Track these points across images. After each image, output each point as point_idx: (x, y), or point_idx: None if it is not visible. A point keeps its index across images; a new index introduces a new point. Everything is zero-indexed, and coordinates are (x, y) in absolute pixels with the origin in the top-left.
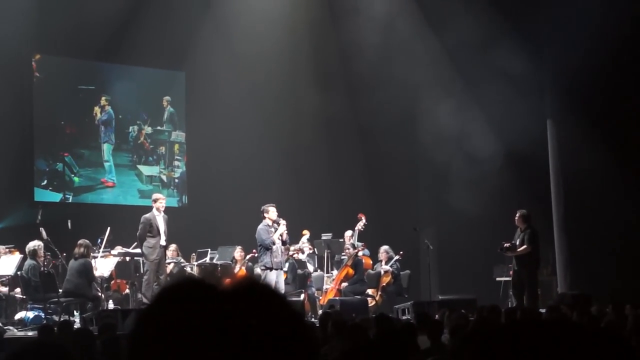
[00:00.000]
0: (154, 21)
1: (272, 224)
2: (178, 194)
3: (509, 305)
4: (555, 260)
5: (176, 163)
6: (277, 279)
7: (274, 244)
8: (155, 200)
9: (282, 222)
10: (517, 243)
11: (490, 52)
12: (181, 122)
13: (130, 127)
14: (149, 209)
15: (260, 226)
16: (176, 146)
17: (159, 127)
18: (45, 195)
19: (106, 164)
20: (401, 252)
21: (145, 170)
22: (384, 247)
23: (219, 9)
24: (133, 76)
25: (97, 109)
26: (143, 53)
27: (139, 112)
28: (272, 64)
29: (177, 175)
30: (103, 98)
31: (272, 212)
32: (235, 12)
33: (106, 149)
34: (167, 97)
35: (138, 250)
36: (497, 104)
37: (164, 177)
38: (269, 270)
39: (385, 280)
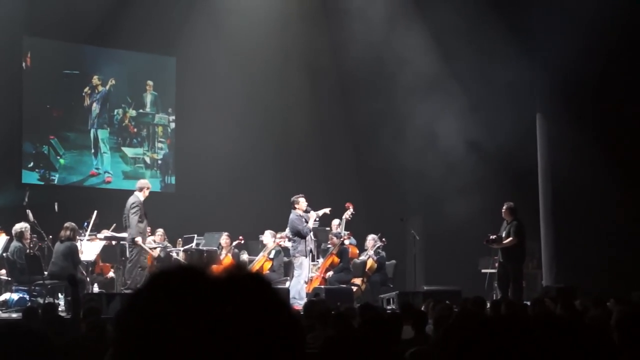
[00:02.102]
0: (147, 6)
1: (304, 214)
2: (161, 174)
3: (494, 297)
4: (540, 253)
5: (159, 145)
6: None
7: (311, 231)
8: (143, 189)
9: (313, 212)
10: (503, 235)
11: (480, 48)
12: (167, 106)
13: (116, 111)
14: (132, 191)
15: (293, 216)
16: (159, 128)
17: (141, 110)
18: (32, 177)
19: (105, 156)
20: (384, 239)
21: (129, 152)
22: (372, 236)
23: None
24: (124, 60)
25: (87, 90)
26: (134, 37)
27: (125, 96)
28: (263, 52)
29: (160, 157)
30: (96, 77)
31: (302, 203)
32: (229, 0)
33: (101, 135)
34: (150, 82)
35: (124, 235)
36: (487, 99)
37: (147, 159)
38: (304, 258)
39: (369, 266)
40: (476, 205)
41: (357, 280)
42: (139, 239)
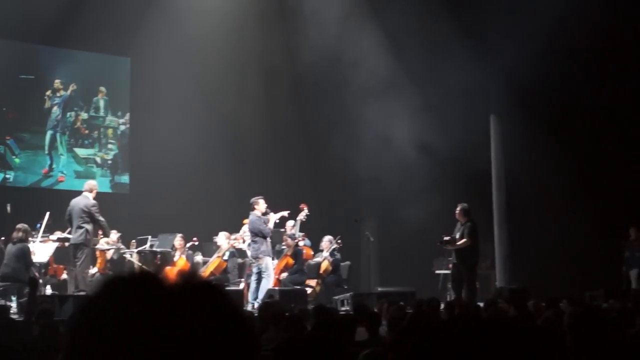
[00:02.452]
0: (101, 6)
1: (262, 216)
2: (110, 174)
3: (448, 298)
4: (494, 255)
5: (109, 146)
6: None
7: (271, 232)
8: (93, 190)
9: (272, 214)
10: (457, 236)
11: (434, 49)
12: (119, 108)
13: (69, 114)
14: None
15: (253, 218)
16: (110, 131)
17: (93, 114)
18: None
19: (61, 157)
20: (339, 241)
21: (81, 152)
22: (327, 237)
23: None
24: (78, 61)
25: (49, 93)
26: (89, 38)
27: (77, 99)
28: (219, 53)
29: (110, 157)
30: (58, 81)
31: (262, 204)
32: (183, 0)
33: (49, 137)
34: (102, 87)
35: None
36: (441, 101)
37: (98, 159)
38: (268, 258)
39: (324, 267)
40: (431, 206)
41: (312, 282)
42: (91, 240)
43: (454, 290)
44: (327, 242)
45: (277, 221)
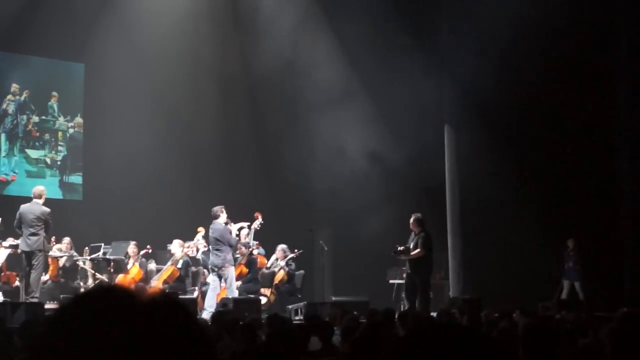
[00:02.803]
0: (55, 11)
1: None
2: (60, 174)
3: (402, 308)
4: (448, 265)
5: (59, 148)
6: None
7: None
8: (42, 196)
9: (232, 224)
10: (411, 246)
11: (390, 59)
12: (70, 112)
13: (20, 117)
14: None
15: (220, 227)
16: (59, 133)
17: (44, 117)
18: None
19: (14, 159)
20: (296, 250)
21: (32, 153)
22: (281, 246)
23: (121, 2)
24: (32, 66)
25: (10, 97)
26: (42, 43)
27: (29, 104)
28: (173, 59)
29: (59, 158)
30: (16, 86)
31: (224, 214)
32: (137, 6)
33: (4, 139)
34: (55, 92)
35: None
36: (396, 110)
37: (48, 160)
38: (233, 267)
39: (279, 277)
40: (385, 216)
41: (266, 291)
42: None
43: (407, 300)
44: (280, 251)
45: (237, 232)
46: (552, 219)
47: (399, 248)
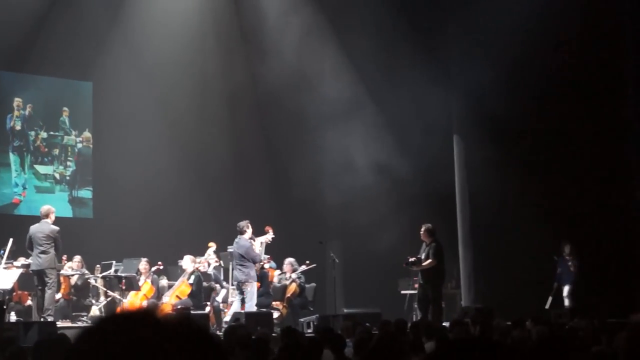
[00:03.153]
0: (63, 32)
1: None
2: (69, 189)
3: (414, 319)
4: (459, 274)
5: (68, 163)
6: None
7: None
8: (49, 214)
9: (257, 239)
10: (423, 257)
11: (397, 72)
12: (78, 127)
13: (29, 132)
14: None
15: (245, 243)
16: (68, 148)
17: (52, 132)
18: None
19: (23, 175)
20: (307, 262)
21: (41, 169)
22: (289, 260)
23: (128, 21)
24: (41, 86)
25: (16, 112)
26: (50, 63)
27: (38, 119)
28: (182, 78)
29: (68, 173)
30: (20, 100)
31: (250, 229)
32: (143, 24)
33: (13, 158)
34: (66, 108)
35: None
36: (404, 122)
37: (57, 175)
38: (254, 283)
39: (291, 290)
40: (395, 227)
41: (278, 304)
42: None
43: (420, 310)
44: (288, 264)
45: (261, 248)
46: (563, 228)
47: (410, 259)
